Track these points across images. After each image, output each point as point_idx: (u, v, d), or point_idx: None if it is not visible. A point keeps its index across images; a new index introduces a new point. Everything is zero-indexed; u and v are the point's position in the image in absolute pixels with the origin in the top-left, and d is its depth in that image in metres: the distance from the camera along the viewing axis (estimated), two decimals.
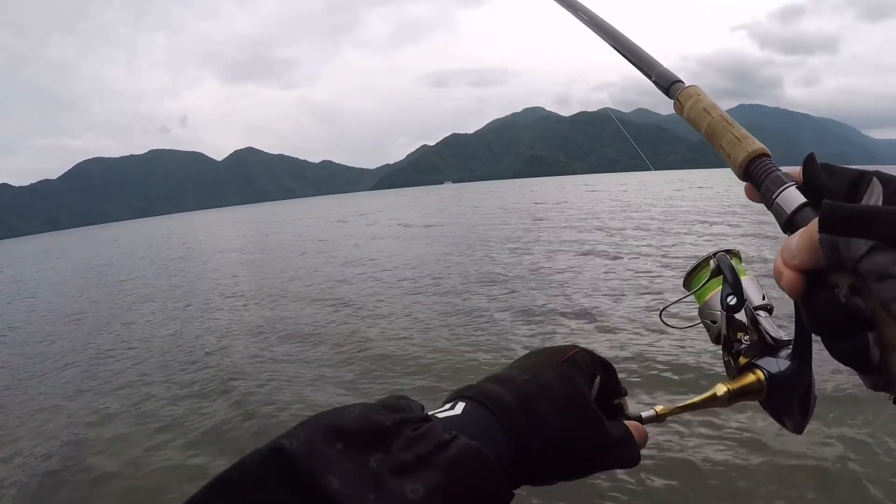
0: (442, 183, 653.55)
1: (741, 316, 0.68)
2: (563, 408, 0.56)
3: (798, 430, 0.62)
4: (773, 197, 0.60)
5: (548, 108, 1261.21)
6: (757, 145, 0.66)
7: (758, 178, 0.63)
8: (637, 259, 13.81)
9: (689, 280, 0.76)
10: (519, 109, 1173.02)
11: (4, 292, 23.20)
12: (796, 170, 0.62)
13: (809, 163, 0.60)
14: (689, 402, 0.66)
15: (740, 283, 0.68)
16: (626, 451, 0.61)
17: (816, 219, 0.45)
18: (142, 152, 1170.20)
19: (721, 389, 0.66)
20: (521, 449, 0.52)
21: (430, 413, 0.51)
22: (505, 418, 0.52)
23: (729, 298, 0.67)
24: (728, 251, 0.72)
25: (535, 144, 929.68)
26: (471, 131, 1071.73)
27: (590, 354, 0.64)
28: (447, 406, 0.53)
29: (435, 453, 0.43)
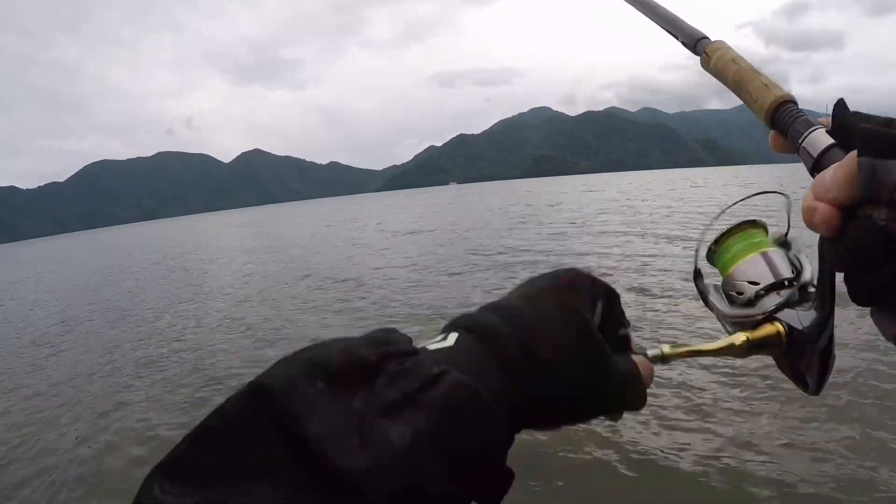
0: (447, 184, 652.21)
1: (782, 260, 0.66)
2: (564, 341, 0.52)
3: (816, 390, 0.61)
4: (801, 140, 0.59)
5: (554, 108, 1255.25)
6: (783, 91, 0.65)
7: (784, 123, 0.63)
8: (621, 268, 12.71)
9: (716, 252, 0.71)
10: (525, 109, 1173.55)
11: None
12: (825, 119, 0.61)
13: (840, 107, 0.58)
14: (702, 347, 0.62)
15: (789, 224, 0.68)
16: (633, 390, 0.57)
17: (853, 151, 0.44)
18: (149, 154, 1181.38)
19: (739, 338, 0.62)
20: (519, 388, 0.48)
21: (420, 346, 0.47)
22: (500, 352, 0.49)
23: (773, 244, 0.67)
24: (752, 221, 0.70)
25: (542, 144, 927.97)
26: (478, 132, 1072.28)
27: (591, 278, 0.61)
28: (439, 337, 0.50)
29: (422, 390, 0.40)
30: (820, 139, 0.57)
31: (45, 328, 13.76)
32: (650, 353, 0.62)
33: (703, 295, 0.70)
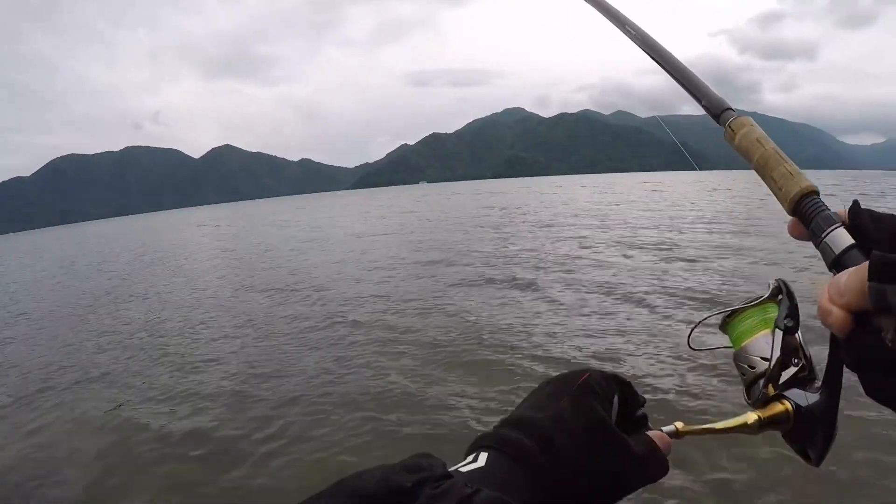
0: (418, 183, 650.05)
1: (792, 340, 0.69)
2: (582, 439, 0.56)
3: (818, 462, 0.64)
4: (823, 235, 0.62)
5: (528, 109, 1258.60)
6: (808, 182, 0.68)
7: (807, 214, 0.66)
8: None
9: (730, 323, 0.74)
10: (500, 110, 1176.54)
11: None
12: (842, 210, 0.65)
13: (856, 208, 0.62)
14: (716, 426, 0.67)
15: (797, 306, 0.69)
16: (654, 466, 0.61)
17: (866, 263, 0.47)
18: (117, 149, 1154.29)
19: (752, 417, 0.66)
20: (548, 490, 0.52)
21: (453, 468, 0.50)
22: (527, 463, 0.52)
23: (787, 320, 0.68)
24: (767, 297, 0.72)
25: (515, 145, 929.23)
26: (451, 131, 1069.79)
27: (602, 375, 0.64)
28: (469, 459, 0.53)
29: None
30: (841, 239, 0.60)
31: None
32: (665, 429, 0.66)
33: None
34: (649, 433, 0.64)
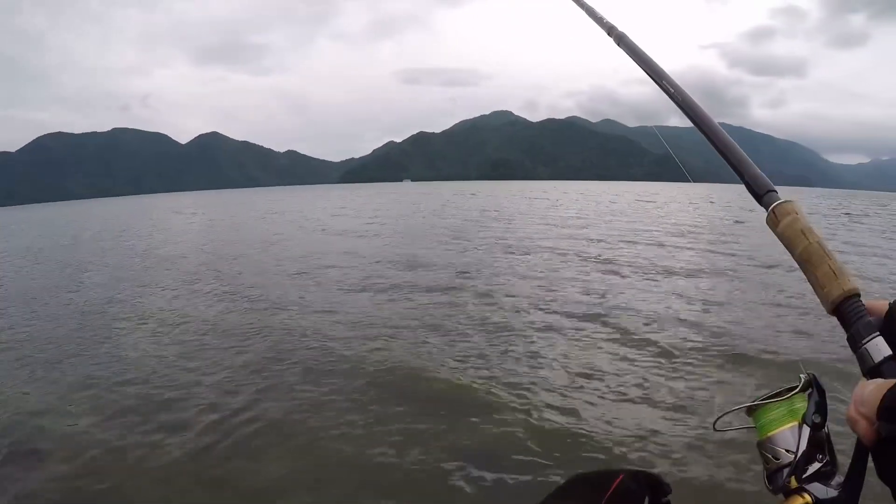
0: (402, 181, 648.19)
1: (819, 436, 0.69)
2: None
3: None
4: (862, 343, 0.63)
5: (516, 113, 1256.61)
6: (851, 284, 0.68)
7: (848, 318, 0.66)
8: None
9: (758, 410, 0.74)
10: (487, 112, 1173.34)
11: None
12: (879, 305, 0.67)
13: (891, 314, 0.64)
14: None
15: (826, 403, 0.70)
16: None
17: (887, 387, 0.50)
18: (104, 129, 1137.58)
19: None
20: None
21: None
22: None
23: (815, 416, 0.69)
24: (794, 388, 0.73)
25: (501, 148, 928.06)
26: (438, 130, 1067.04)
27: (634, 477, 0.63)
28: None
29: None
30: (879, 349, 0.62)
31: None
32: None
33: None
34: None
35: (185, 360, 8.01)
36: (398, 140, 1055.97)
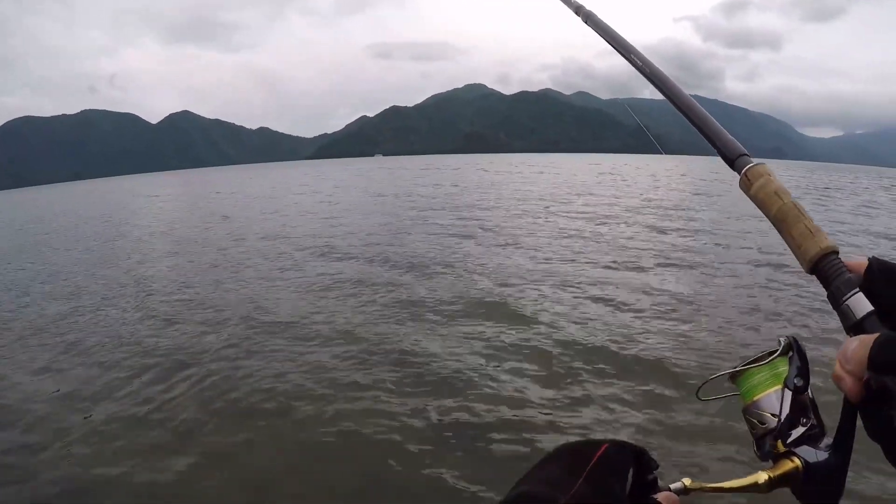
0: (373, 155, 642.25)
1: (803, 398, 0.68)
2: None
3: None
4: (843, 300, 0.63)
5: (489, 86, 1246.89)
6: (828, 242, 0.67)
7: (827, 275, 0.66)
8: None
9: (741, 375, 0.73)
10: (460, 85, 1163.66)
11: None
12: (858, 263, 0.66)
13: (872, 268, 0.64)
14: (724, 485, 0.65)
15: (808, 366, 0.69)
16: None
17: (871, 337, 0.50)
18: (74, 112, 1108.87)
19: (762, 477, 0.65)
20: None
21: None
22: None
23: (797, 379, 0.68)
24: (777, 351, 0.71)
25: (475, 121, 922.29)
26: (411, 104, 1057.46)
27: (618, 447, 0.62)
28: None
29: None
30: (861, 305, 0.61)
31: None
32: (673, 486, 0.65)
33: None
34: (658, 496, 0.62)
35: None
36: (371, 115, 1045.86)
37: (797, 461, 0.64)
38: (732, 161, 0.80)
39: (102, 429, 5.58)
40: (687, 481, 0.65)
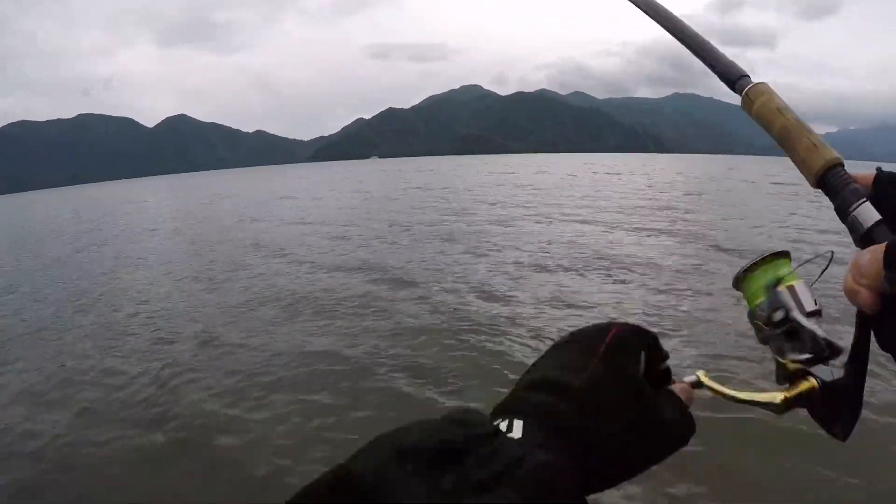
0: (370, 157, 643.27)
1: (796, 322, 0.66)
2: (622, 408, 0.53)
3: (845, 437, 0.63)
4: (851, 210, 0.62)
5: (486, 87, 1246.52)
6: (833, 154, 0.66)
7: (834, 187, 0.65)
8: None
9: (743, 279, 0.72)
10: (457, 87, 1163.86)
11: None
12: (865, 175, 0.65)
13: (880, 177, 0.63)
14: (739, 395, 0.64)
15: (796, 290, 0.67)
16: (685, 427, 0.58)
17: (884, 245, 0.49)
18: (69, 116, 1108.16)
19: (778, 397, 0.64)
20: (586, 461, 0.49)
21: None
22: (565, 434, 0.49)
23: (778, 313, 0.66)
24: (779, 252, 0.70)
25: (472, 123, 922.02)
26: (408, 106, 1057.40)
27: (632, 330, 0.61)
28: (503, 426, 0.49)
29: (509, 470, 0.40)
30: (868, 214, 0.60)
31: None
32: (687, 379, 0.64)
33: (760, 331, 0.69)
34: (673, 387, 0.62)
35: None
36: (368, 117, 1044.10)
37: (813, 381, 0.63)
38: (734, 83, 0.80)
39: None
40: (701, 374, 0.65)
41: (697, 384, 0.64)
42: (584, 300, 8.75)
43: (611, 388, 0.53)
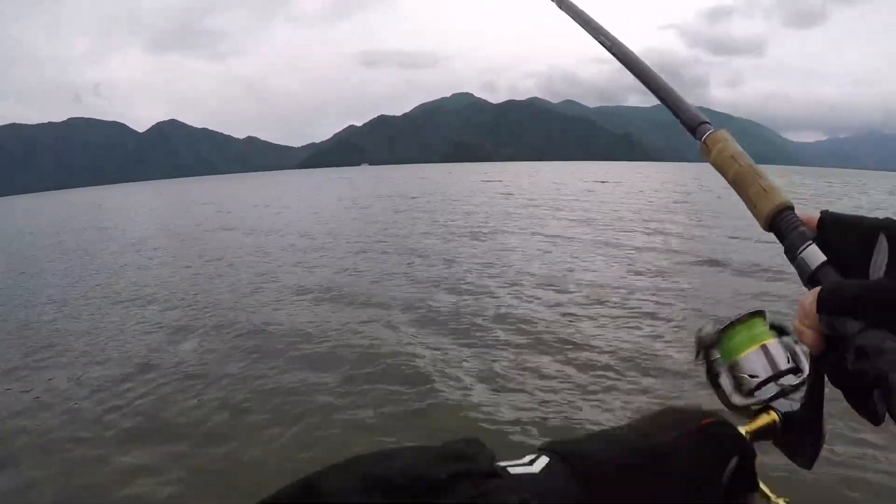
0: (360, 164, 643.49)
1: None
2: (676, 486, 0.49)
3: (809, 466, 0.65)
4: (798, 252, 0.64)
5: (476, 94, 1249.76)
6: (782, 198, 0.69)
7: (782, 231, 0.68)
8: None
9: (719, 338, 0.75)
10: (448, 94, 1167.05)
11: None
12: (812, 217, 0.68)
13: (824, 219, 0.65)
14: None
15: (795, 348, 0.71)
16: None
17: (819, 295, 0.51)
18: (59, 120, 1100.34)
19: (742, 431, 0.66)
20: None
21: (502, 465, 0.44)
22: (591, 481, 0.45)
23: (772, 332, 0.72)
24: (757, 312, 0.74)
25: (462, 130, 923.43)
26: (399, 113, 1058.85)
27: (731, 429, 0.59)
28: (525, 460, 0.46)
29: None
30: (814, 256, 0.63)
31: None
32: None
33: (713, 378, 0.73)
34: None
35: None
36: (358, 124, 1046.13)
37: (774, 415, 0.67)
38: (694, 129, 0.82)
39: None
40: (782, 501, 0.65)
41: None
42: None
43: (675, 466, 0.51)
